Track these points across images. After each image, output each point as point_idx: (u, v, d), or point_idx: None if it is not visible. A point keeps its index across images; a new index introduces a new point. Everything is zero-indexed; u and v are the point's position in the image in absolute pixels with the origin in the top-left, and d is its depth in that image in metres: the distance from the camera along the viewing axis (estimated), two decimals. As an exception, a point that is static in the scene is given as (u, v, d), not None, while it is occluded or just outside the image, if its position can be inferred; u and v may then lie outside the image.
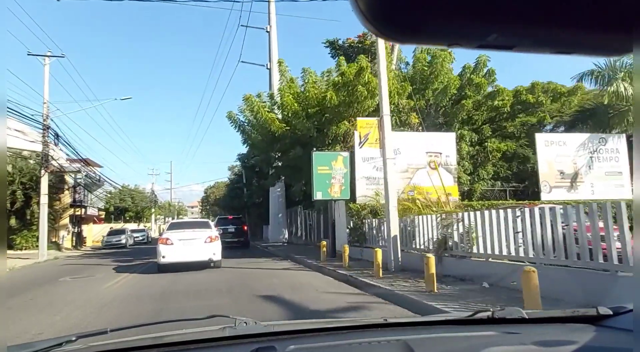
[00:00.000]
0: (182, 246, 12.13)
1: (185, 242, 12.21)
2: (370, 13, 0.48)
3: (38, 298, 8.69)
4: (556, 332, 1.56)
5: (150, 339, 1.55)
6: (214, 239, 12.65)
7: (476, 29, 0.50)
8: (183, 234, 12.52)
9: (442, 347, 1.51)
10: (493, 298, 6.20)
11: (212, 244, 12.46)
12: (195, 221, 19.40)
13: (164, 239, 12.37)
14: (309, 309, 6.45)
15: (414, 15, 0.48)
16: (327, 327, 1.73)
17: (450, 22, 0.49)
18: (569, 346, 1.36)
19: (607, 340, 1.45)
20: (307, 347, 1.50)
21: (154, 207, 59.94)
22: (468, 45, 0.52)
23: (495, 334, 1.57)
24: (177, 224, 14.86)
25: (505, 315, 1.64)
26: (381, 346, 1.50)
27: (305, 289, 8.40)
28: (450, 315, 2.13)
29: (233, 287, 8.86)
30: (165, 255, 12.02)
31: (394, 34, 0.51)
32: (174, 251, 12.08)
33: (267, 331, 1.58)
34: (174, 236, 12.36)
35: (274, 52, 26.84)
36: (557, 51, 0.54)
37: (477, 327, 1.64)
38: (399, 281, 8.31)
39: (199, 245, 12.29)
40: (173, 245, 12.14)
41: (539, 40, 0.52)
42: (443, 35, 0.52)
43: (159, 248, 12.21)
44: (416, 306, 6.12)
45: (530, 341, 1.45)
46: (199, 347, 1.48)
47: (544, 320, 1.71)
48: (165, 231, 13.42)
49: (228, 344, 1.51)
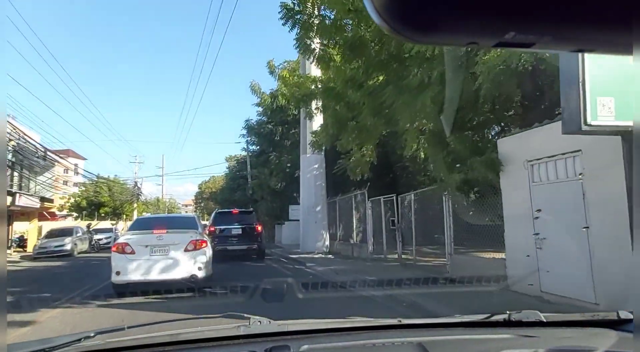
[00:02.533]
0: (148, 256, 8.02)
1: (155, 250, 8.09)
2: (384, 10, 0.46)
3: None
4: (575, 336, 1.54)
5: (166, 336, 1.59)
6: (200, 244, 8.30)
7: (494, 27, 0.48)
8: (151, 238, 8.19)
9: (457, 350, 1.52)
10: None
11: (197, 253, 8.19)
12: (173, 216, 15.17)
13: (121, 245, 8.19)
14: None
15: (429, 13, 0.46)
16: (341, 327, 1.71)
17: (468, 20, 0.47)
18: (588, 350, 1.38)
19: (627, 345, 1.37)
20: (321, 347, 1.52)
21: (136, 201, 49.38)
22: (485, 43, 0.51)
23: (512, 337, 1.55)
24: (144, 221, 10.54)
25: (522, 318, 1.58)
26: (396, 347, 1.54)
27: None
28: (466, 317, 1.73)
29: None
30: (122, 270, 7.88)
31: (409, 32, 0.48)
32: (135, 263, 7.95)
33: (281, 330, 1.58)
34: (136, 240, 8.20)
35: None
36: (577, 48, 0.53)
37: (494, 330, 1.61)
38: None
39: (176, 254, 8.11)
40: (134, 254, 7.97)
41: (560, 36, 0.50)
42: (459, 34, 0.50)
43: (113, 259, 8.09)
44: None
45: (547, 345, 1.45)
46: (214, 345, 1.51)
47: (563, 324, 1.65)
48: (125, 232, 9.85)
49: (242, 343, 1.52)
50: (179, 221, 9.95)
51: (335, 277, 9.26)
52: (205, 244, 8.52)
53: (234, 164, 41.92)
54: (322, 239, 16.41)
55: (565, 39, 0.50)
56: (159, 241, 8.18)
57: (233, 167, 41.63)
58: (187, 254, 8.18)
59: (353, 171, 13.23)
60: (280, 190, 20.86)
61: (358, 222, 14.69)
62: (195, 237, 8.35)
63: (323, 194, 16.76)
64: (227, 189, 38.65)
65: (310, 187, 16.62)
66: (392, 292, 6.66)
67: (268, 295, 5.27)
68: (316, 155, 16.65)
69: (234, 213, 16.35)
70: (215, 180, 62.24)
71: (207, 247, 8.57)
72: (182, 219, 10.43)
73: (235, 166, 40.70)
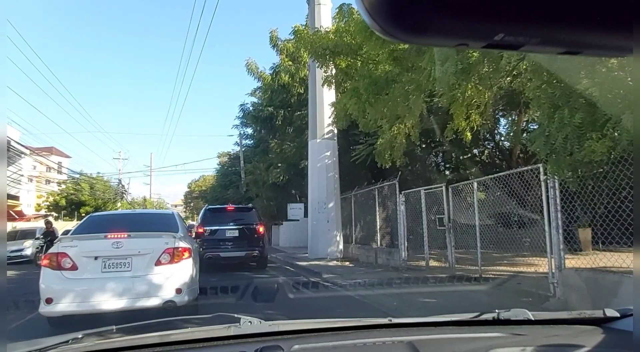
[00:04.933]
0: (98, 273, 5.38)
1: (109, 264, 5.42)
2: (375, 11, 0.46)
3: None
4: (562, 334, 1.56)
5: (156, 337, 1.55)
6: (180, 254, 5.56)
7: (483, 29, 0.48)
8: (104, 245, 5.44)
9: (447, 348, 1.52)
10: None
11: (175, 267, 5.49)
12: (142, 213, 10.87)
13: (54, 257, 5.35)
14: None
15: (419, 14, 0.46)
16: (332, 327, 1.67)
17: (457, 22, 0.47)
18: (575, 348, 1.38)
19: (613, 342, 1.44)
20: (312, 347, 1.51)
21: (120, 200, 45.96)
22: (475, 45, 0.51)
23: (501, 336, 1.56)
24: (98, 220, 6.75)
25: (510, 316, 1.59)
26: (386, 346, 1.54)
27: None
28: (456, 316, 1.74)
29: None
30: (54, 295, 5.20)
31: (399, 33, 0.48)
32: (76, 284, 5.29)
33: (272, 330, 1.57)
34: (80, 249, 5.41)
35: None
36: (566, 51, 0.53)
37: (483, 328, 1.61)
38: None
39: (143, 269, 5.45)
40: (76, 271, 5.32)
41: (547, 39, 0.50)
42: (449, 35, 0.50)
43: (42, 278, 5.36)
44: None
45: (536, 342, 1.47)
46: (204, 346, 1.49)
47: (551, 322, 1.67)
48: (65, 236, 6.12)
49: (233, 343, 1.51)
50: (150, 219, 6.99)
51: (383, 301, 6.29)
52: (187, 254, 5.71)
53: (226, 160, 38.87)
54: (335, 242, 13.43)
55: (553, 41, 0.51)
56: (117, 249, 5.49)
57: (225, 163, 38.60)
58: (160, 268, 5.53)
59: (381, 156, 10.34)
60: (281, 184, 17.82)
61: (384, 221, 11.76)
62: (173, 244, 5.62)
63: (336, 187, 13.78)
64: (219, 186, 35.71)
65: (321, 179, 13.62)
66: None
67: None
68: (328, 140, 13.71)
69: (229, 210, 12.96)
70: (205, 179, 59.64)
71: (191, 258, 5.79)
72: (155, 218, 7.42)
73: (227, 162, 37.67)
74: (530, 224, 6.62)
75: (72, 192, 43.49)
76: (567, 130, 4.90)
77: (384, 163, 10.18)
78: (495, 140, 14.45)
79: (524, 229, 6.88)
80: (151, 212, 13.25)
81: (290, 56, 16.25)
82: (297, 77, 16.53)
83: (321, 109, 13.39)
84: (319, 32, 9.22)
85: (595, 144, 4.65)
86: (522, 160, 11.80)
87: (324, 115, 13.25)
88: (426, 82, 7.42)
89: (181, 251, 5.61)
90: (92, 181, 44.45)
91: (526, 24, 0.47)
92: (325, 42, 8.43)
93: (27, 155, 31.69)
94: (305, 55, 11.97)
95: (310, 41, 8.97)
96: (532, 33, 0.49)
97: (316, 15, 12.87)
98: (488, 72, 6.77)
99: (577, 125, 4.80)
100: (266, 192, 21.11)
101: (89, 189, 43.54)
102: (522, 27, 0.48)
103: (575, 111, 4.86)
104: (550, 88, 5.21)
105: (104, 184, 46.76)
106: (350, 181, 14.95)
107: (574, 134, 4.86)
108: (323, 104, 13.29)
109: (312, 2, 13.45)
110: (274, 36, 16.49)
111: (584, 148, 4.75)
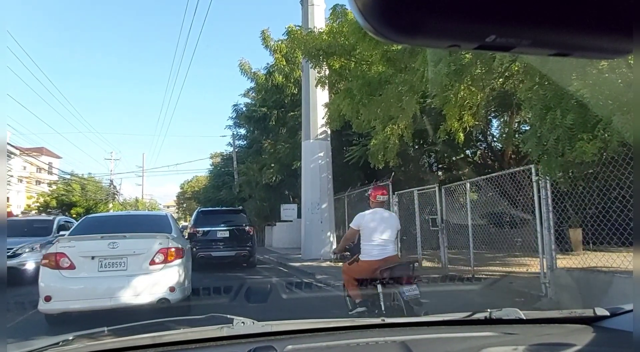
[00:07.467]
0: (95, 272, 5.61)
1: (105, 263, 5.66)
2: (368, 12, 0.46)
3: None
4: (554, 333, 1.56)
5: (148, 339, 1.53)
6: (174, 254, 5.75)
7: (475, 30, 0.48)
8: (100, 245, 5.67)
9: (440, 348, 1.52)
10: None
11: (169, 267, 5.73)
12: (136, 215, 10.60)
13: (53, 257, 5.57)
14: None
15: (411, 15, 0.46)
16: (325, 327, 1.68)
17: (449, 23, 0.48)
18: (566, 347, 1.38)
19: (604, 341, 1.45)
20: (305, 347, 1.51)
21: (112, 201, 45.60)
22: (467, 46, 0.52)
23: (493, 335, 1.57)
24: (94, 221, 7.09)
25: (502, 316, 1.61)
26: (379, 346, 1.55)
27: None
28: (448, 315, 1.80)
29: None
30: (54, 294, 5.40)
31: (392, 34, 0.49)
32: (75, 283, 5.53)
33: (265, 331, 1.56)
34: (78, 249, 5.64)
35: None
36: (557, 52, 0.54)
37: (475, 328, 1.63)
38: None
39: (138, 268, 5.67)
40: (74, 270, 5.55)
41: (538, 41, 0.51)
42: (442, 36, 0.50)
43: (41, 277, 5.61)
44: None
45: (527, 341, 1.47)
46: (197, 347, 1.49)
47: (542, 321, 1.69)
48: (63, 237, 6.14)
49: (226, 344, 1.51)
50: (144, 221, 7.33)
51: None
52: (180, 254, 5.97)
53: (219, 161, 38.73)
54: (328, 243, 13.43)
55: (545, 42, 0.51)
56: (113, 249, 5.76)
57: (218, 164, 38.46)
58: (154, 268, 5.80)
59: (374, 157, 10.35)
60: (274, 184, 17.79)
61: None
62: (167, 245, 5.90)
63: (330, 188, 13.79)
64: (211, 187, 35.47)
65: (314, 179, 13.63)
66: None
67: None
68: (321, 141, 13.72)
69: (220, 212, 13.72)
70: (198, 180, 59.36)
71: (184, 258, 6.08)
72: (149, 219, 7.67)
73: (220, 163, 37.53)
74: (522, 224, 6.67)
75: (63, 193, 43.07)
76: (559, 132, 4.95)
77: (377, 164, 10.20)
78: (487, 141, 14.55)
79: (516, 229, 6.93)
80: (145, 213, 13.71)
81: (284, 56, 16.26)
82: (292, 78, 16.52)
83: (315, 109, 13.40)
84: (312, 33, 9.24)
85: (586, 145, 4.70)
86: (514, 161, 11.89)
87: (318, 116, 13.25)
88: (419, 83, 7.46)
89: (174, 251, 5.86)
90: (83, 182, 44.05)
91: (518, 26, 0.48)
92: (319, 42, 8.48)
93: (16, 156, 31.51)
94: (299, 56, 12.00)
95: (303, 42, 9.00)
96: (524, 34, 0.49)
97: (309, 16, 12.88)
98: (480, 73, 6.83)
99: (569, 127, 4.85)
100: (259, 192, 21.06)
101: (80, 190, 43.11)
102: (514, 29, 0.48)
103: (566, 112, 4.91)
104: (542, 90, 5.26)
105: (96, 184, 46.41)
106: (343, 181, 14.97)
107: (565, 135, 4.91)
108: (316, 105, 13.29)
109: (306, 3, 13.47)
110: (267, 36, 16.47)
111: (575, 149, 4.80)
